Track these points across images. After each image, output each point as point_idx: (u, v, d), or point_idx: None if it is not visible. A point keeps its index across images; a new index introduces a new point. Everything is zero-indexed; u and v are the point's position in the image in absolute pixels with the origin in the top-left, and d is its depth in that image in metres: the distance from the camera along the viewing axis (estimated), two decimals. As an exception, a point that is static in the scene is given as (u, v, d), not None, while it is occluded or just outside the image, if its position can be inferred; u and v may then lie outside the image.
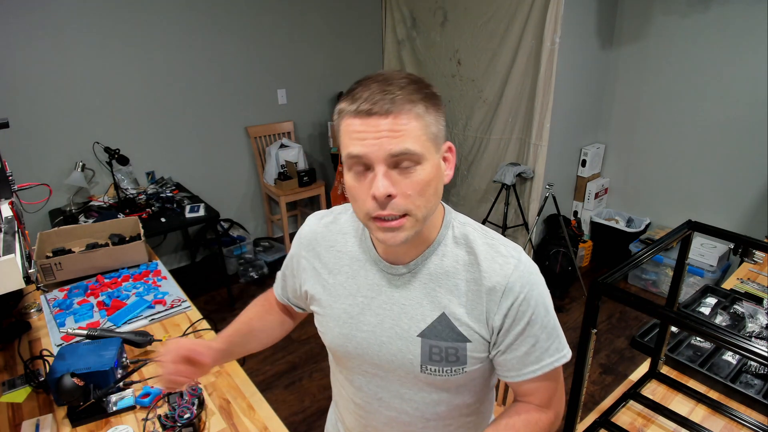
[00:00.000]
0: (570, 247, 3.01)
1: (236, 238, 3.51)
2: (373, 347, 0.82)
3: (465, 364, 0.78)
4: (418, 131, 0.68)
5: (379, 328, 0.81)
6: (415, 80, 0.71)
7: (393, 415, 0.87)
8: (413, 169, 0.69)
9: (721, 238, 1.06)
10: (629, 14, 3.13)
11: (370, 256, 0.83)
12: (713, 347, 1.31)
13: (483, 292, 0.77)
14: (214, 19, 3.12)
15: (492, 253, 0.78)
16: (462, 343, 0.78)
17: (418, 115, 0.68)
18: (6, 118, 1.17)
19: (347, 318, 0.83)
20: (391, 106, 0.66)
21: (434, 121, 0.71)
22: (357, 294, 0.83)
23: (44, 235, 1.71)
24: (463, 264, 0.78)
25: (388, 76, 0.70)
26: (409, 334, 0.79)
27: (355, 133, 0.68)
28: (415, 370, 0.80)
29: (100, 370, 1.08)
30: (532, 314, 0.76)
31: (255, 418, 1.10)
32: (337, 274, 0.86)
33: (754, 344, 0.71)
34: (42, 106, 2.67)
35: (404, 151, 0.67)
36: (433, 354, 0.78)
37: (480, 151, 3.53)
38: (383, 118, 0.67)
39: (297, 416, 2.18)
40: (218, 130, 3.36)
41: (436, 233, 0.80)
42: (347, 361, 0.87)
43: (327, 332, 0.87)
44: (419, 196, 0.70)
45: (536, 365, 0.79)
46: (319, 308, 0.88)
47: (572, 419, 1.01)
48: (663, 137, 3.18)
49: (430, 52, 3.70)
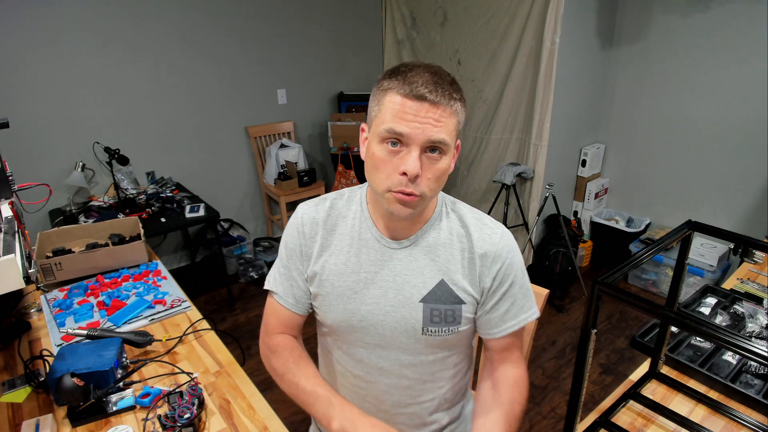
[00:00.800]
0: (570, 247, 3.01)
1: (236, 238, 3.51)
2: (377, 317, 0.90)
3: (460, 324, 0.90)
4: (452, 126, 0.78)
5: (383, 299, 0.89)
6: (456, 82, 0.80)
7: (393, 382, 0.95)
8: (440, 158, 0.78)
9: (721, 238, 1.06)
10: (629, 14, 3.13)
11: (372, 235, 0.91)
12: (713, 347, 1.31)
13: (476, 258, 0.88)
14: (214, 19, 3.12)
15: (480, 225, 0.91)
16: (458, 305, 0.89)
17: (455, 111, 0.78)
18: (6, 118, 1.17)
19: (351, 294, 0.90)
20: (441, 98, 0.75)
21: (462, 120, 0.81)
22: (360, 271, 0.90)
23: (44, 235, 1.71)
24: (457, 236, 0.90)
25: (436, 69, 0.78)
26: (412, 300, 0.88)
27: (402, 113, 0.75)
28: (417, 334, 0.89)
29: (100, 370, 1.08)
30: (514, 276, 0.90)
31: (255, 418, 1.10)
32: (339, 254, 0.92)
33: (754, 344, 0.71)
34: (42, 106, 2.67)
35: (441, 140, 0.76)
36: (433, 316, 0.88)
37: (480, 151, 3.53)
38: (433, 107, 0.74)
39: (297, 416, 2.18)
40: (218, 130, 3.36)
41: (432, 211, 0.91)
42: (349, 336, 0.93)
43: (330, 310, 0.93)
44: (436, 182, 0.80)
45: (514, 320, 0.91)
46: (320, 289, 0.93)
47: (572, 419, 1.01)
48: (663, 137, 3.18)
49: (430, 52, 3.70)
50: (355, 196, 0.96)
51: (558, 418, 2.16)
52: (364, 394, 0.99)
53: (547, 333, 2.77)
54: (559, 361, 2.55)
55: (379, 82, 0.80)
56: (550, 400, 2.28)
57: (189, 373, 1.22)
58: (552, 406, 2.24)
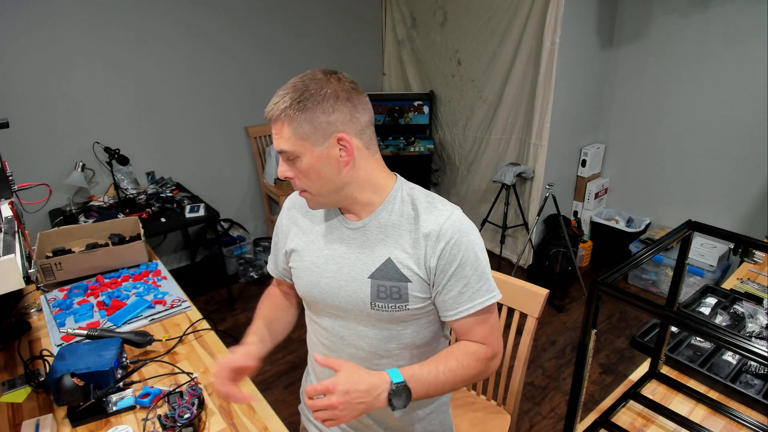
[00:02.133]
0: (570, 247, 3.01)
1: (236, 238, 3.51)
2: (333, 290, 0.99)
3: (407, 302, 0.95)
4: (288, 133, 0.87)
5: (339, 273, 0.98)
6: (297, 85, 0.88)
7: (352, 352, 1.02)
8: (295, 161, 0.90)
9: (721, 238, 1.06)
10: (629, 14, 3.13)
11: (335, 217, 1.02)
12: (713, 347, 1.31)
13: (421, 238, 0.93)
14: (214, 19, 3.12)
15: (430, 208, 0.95)
16: (404, 283, 0.94)
17: (288, 118, 0.87)
18: (6, 118, 1.17)
19: (314, 268, 1.01)
20: (271, 115, 0.88)
21: (306, 122, 0.86)
22: (324, 248, 1.01)
23: (44, 235, 1.71)
24: (407, 218, 0.95)
25: (290, 83, 0.90)
26: (362, 276, 0.96)
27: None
28: (367, 308, 0.96)
29: (100, 370, 1.08)
30: (462, 257, 0.92)
31: (255, 418, 1.10)
32: (310, 233, 1.04)
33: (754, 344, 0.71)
34: (42, 106, 2.67)
35: (282, 150, 0.89)
36: (380, 292, 0.94)
37: (480, 151, 3.53)
38: (272, 124, 0.89)
39: (297, 416, 2.17)
40: (218, 130, 3.36)
41: (384, 197, 0.97)
42: (315, 305, 1.04)
43: (299, 281, 1.05)
44: (306, 179, 0.91)
45: (469, 304, 0.94)
46: (294, 262, 1.06)
47: (572, 419, 1.01)
48: (663, 137, 3.18)
49: (430, 52, 3.70)
50: None
51: (558, 418, 2.16)
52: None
53: (547, 333, 2.77)
54: (559, 361, 2.55)
55: None
56: (550, 400, 2.28)
57: (189, 373, 1.22)
58: (552, 406, 2.24)
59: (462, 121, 3.61)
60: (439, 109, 3.79)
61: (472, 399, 1.53)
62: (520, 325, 1.40)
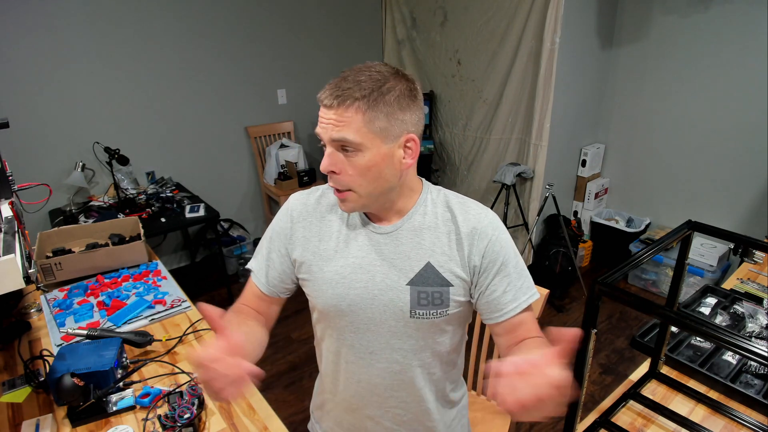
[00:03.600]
0: (570, 247, 3.01)
1: (236, 238, 3.51)
2: (366, 301, 0.91)
3: (448, 307, 0.90)
4: (358, 124, 0.79)
5: (371, 282, 0.91)
6: (377, 77, 0.81)
7: (384, 366, 0.96)
8: (354, 154, 0.82)
9: (721, 238, 1.06)
10: (629, 14, 3.13)
11: (360, 221, 0.94)
12: (713, 347, 1.31)
13: (463, 238, 0.90)
14: (214, 19, 3.12)
15: (465, 208, 0.93)
16: (446, 287, 0.90)
17: (360, 109, 0.79)
18: (6, 118, 1.17)
19: (339, 279, 0.92)
20: (340, 101, 0.79)
21: (383, 116, 0.81)
22: (348, 256, 0.93)
23: (44, 235, 1.71)
24: (442, 219, 0.92)
25: (350, 74, 0.82)
26: (399, 284, 0.90)
27: (319, 116, 0.83)
28: (405, 317, 0.91)
29: (100, 370, 1.08)
30: (505, 255, 0.90)
31: (255, 418, 1.10)
32: (329, 240, 0.95)
33: (754, 344, 0.71)
34: (42, 106, 2.67)
35: (341, 138, 0.80)
36: (420, 299, 0.89)
37: (480, 151, 3.53)
38: (331, 109, 0.80)
39: (297, 416, 2.18)
40: (218, 130, 3.36)
41: (415, 200, 0.93)
42: (339, 320, 0.95)
43: (320, 295, 0.95)
44: (360, 177, 0.83)
45: (515, 303, 0.91)
46: (308, 274, 0.96)
47: (572, 419, 1.01)
48: (663, 137, 3.18)
49: (430, 52, 3.70)
50: None
51: (558, 418, 2.16)
52: (357, 379, 0.99)
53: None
54: (559, 361, 2.55)
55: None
56: (550, 400, 2.28)
57: (189, 373, 1.22)
58: (552, 406, 2.24)
59: (462, 121, 3.61)
60: (439, 109, 3.79)
61: (472, 399, 1.53)
62: (520, 325, 1.40)
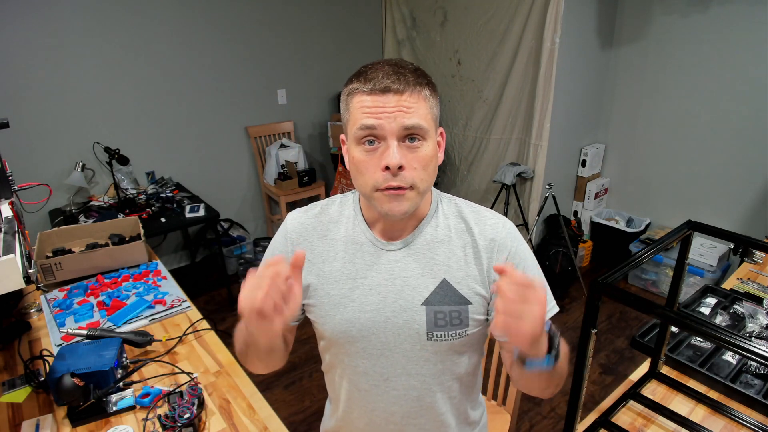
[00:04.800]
0: (570, 247, 3.01)
1: (236, 238, 3.51)
2: (378, 325, 0.84)
3: (467, 327, 0.84)
4: (425, 110, 0.76)
5: (383, 304, 0.84)
6: (420, 68, 0.79)
7: (401, 393, 0.89)
8: (420, 145, 0.76)
9: (721, 238, 1.06)
10: (629, 14, 3.13)
11: (366, 238, 0.87)
12: (713, 347, 1.31)
13: (481, 251, 0.84)
14: (214, 19, 3.12)
15: (479, 218, 0.87)
16: (464, 306, 0.83)
17: (426, 96, 0.77)
18: (6, 118, 1.17)
19: (348, 302, 0.85)
20: (405, 85, 0.74)
21: (435, 105, 0.79)
22: (356, 276, 0.86)
23: (44, 235, 1.71)
24: (456, 231, 0.86)
25: (398, 61, 0.78)
26: (413, 304, 0.83)
27: (368, 108, 0.74)
28: (422, 340, 0.84)
29: (100, 370, 1.08)
30: (525, 267, 0.85)
31: (255, 418, 1.10)
32: (333, 261, 0.87)
33: (754, 344, 0.71)
34: (42, 106, 2.67)
35: (416, 125, 0.74)
36: (438, 320, 0.83)
37: (480, 151, 3.53)
38: (398, 95, 0.73)
39: (297, 416, 2.18)
40: (218, 130, 3.36)
41: (427, 209, 0.87)
42: (350, 347, 0.88)
43: (327, 321, 0.87)
44: (423, 170, 0.77)
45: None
46: (314, 299, 0.88)
47: (572, 419, 1.01)
48: (663, 137, 3.18)
49: (430, 52, 3.70)
50: (347, 200, 0.92)
51: (558, 418, 2.16)
52: (372, 408, 0.93)
53: (547, 333, 2.77)
54: (559, 361, 2.55)
55: (345, 88, 0.80)
56: (550, 399, 2.28)
57: (189, 373, 1.22)
58: (552, 406, 2.24)
59: (462, 121, 3.61)
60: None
61: (472, 399, 1.53)
62: (520, 325, 1.40)
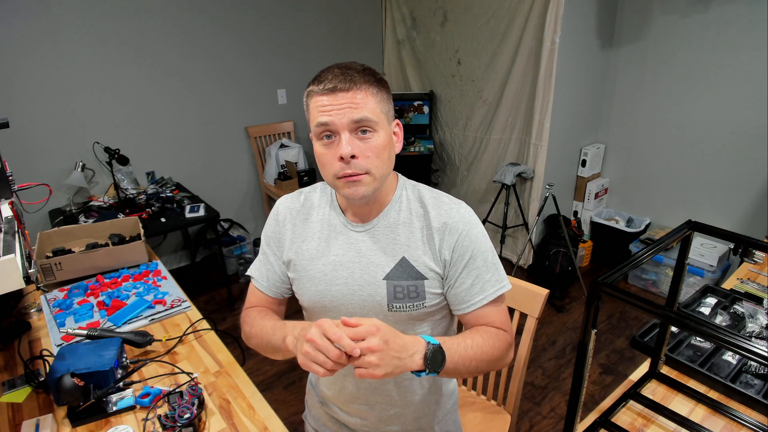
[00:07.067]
0: (570, 247, 3.01)
1: (236, 238, 3.51)
2: (347, 296, 0.97)
3: (424, 299, 0.95)
4: (372, 104, 0.85)
5: (351, 279, 0.96)
6: (368, 68, 0.89)
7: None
8: (371, 136, 0.86)
9: (721, 238, 1.06)
10: (629, 14, 3.13)
11: (339, 221, 0.99)
12: (713, 347, 1.31)
13: (434, 232, 0.94)
14: (213, 19, 3.12)
15: (438, 203, 0.97)
16: (420, 281, 0.94)
17: (373, 93, 0.86)
18: (6, 118, 1.17)
19: (322, 276, 0.98)
20: (351, 84, 0.84)
21: (385, 100, 0.89)
22: (329, 254, 0.98)
23: (44, 235, 1.71)
24: (416, 215, 0.97)
25: (348, 63, 0.88)
26: (376, 278, 0.95)
27: (322, 107, 0.85)
28: (384, 310, 0.95)
29: (100, 370, 1.08)
30: (474, 249, 0.94)
31: (255, 418, 1.10)
32: (311, 240, 1.00)
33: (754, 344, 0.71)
34: (42, 106, 2.67)
35: (363, 118, 0.84)
36: (397, 293, 0.94)
37: (480, 151, 3.53)
38: (346, 93, 0.84)
39: (297, 416, 2.18)
40: (218, 130, 3.36)
41: (392, 195, 0.98)
42: (323, 315, 1.00)
43: (305, 292, 1.01)
44: (377, 158, 0.87)
45: (481, 295, 0.95)
46: (295, 273, 1.02)
47: (572, 419, 1.01)
48: (663, 137, 3.18)
49: (430, 52, 3.70)
50: (327, 188, 1.05)
51: (558, 418, 2.16)
52: (343, 374, 1.05)
53: (547, 333, 2.77)
54: (559, 361, 2.55)
55: (305, 91, 0.91)
56: (550, 400, 2.28)
57: (189, 373, 1.22)
58: (552, 406, 2.24)
59: (462, 121, 3.61)
60: (439, 109, 3.79)
61: (472, 399, 1.53)
62: (520, 325, 1.40)
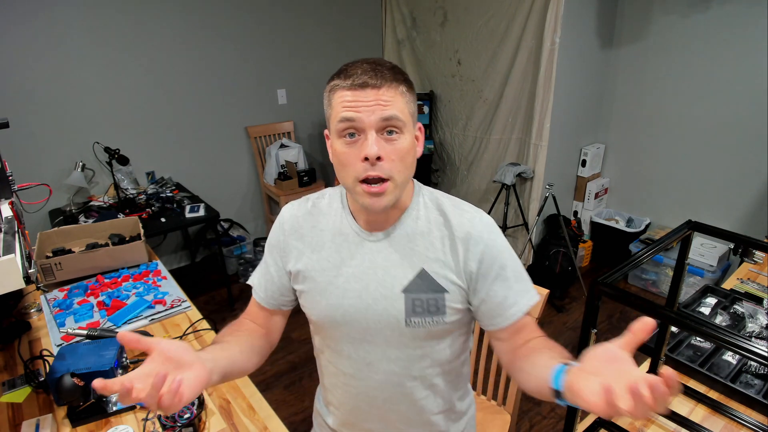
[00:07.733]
0: (570, 247, 3.01)
1: (236, 238, 3.51)
2: (360, 311, 0.89)
3: (444, 315, 0.88)
4: (402, 104, 0.80)
5: (365, 291, 0.89)
6: (397, 66, 0.84)
7: (382, 378, 0.93)
8: (397, 137, 0.80)
9: (721, 238, 1.06)
10: (629, 14, 3.13)
11: (352, 229, 0.92)
12: (713, 347, 1.31)
13: (458, 243, 0.87)
14: (214, 19, 3.12)
15: (458, 211, 0.90)
16: (440, 294, 0.87)
17: (402, 92, 0.81)
18: (6, 118, 1.17)
19: (333, 289, 0.91)
20: (382, 80, 0.78)
21: (412, 101, 0.83)
22: (341, 265, 0.91)
23: (44, 235, 1.71)
24: (435, 224, 0.89)
25: (376, 59, 0.83)
26: (393, 292, 0.88)
27: (348, 103, 0.78)
28: (401, 326, 0.88)
29: (100, 370, 1.08)
30: (503, 259, 0.88)
31: (255, 418, 1.10)
32: (321, 250, 0.93)
33: (754, 344, 0.71)
34: (42, 106, 2.67)
35: (393, 116, 0.78)
36: (415, 307, 0.87)
37: (480, 151, 3.53)
38: (376, 89, 0.78)
39: (297, 416, 2.18)
40: (218, 130, 3.36)
41: (408, 201, 0.91)
42: (335, 331, 0.93)
43: (314, 306, 0.93)
44: (401, 162, 0.81)
45: (516, 307, 0.88)
46: (304, 285, 0.94)
47: (572, 419, 1.01)
48: (663, 137, 3.18)
49: (430, 52, 3.70)
50: (336, 194, 0.98)
51: (558, 418, 2.16)
52: (355, 393, 0.97)
53: (547, 333, 2.72)
54: (559, 361, 2.55)
55: (327, 85, 0.84)
56: (550, 400, 2.28)
57: (189, 373, 1.21)
58: (552, 406, 2.24)
59: (462, 121, 3.61)
60: (439, 109, 3.79)
61: (472, 399, 1.53)
62: (520, 325, 1.40)
